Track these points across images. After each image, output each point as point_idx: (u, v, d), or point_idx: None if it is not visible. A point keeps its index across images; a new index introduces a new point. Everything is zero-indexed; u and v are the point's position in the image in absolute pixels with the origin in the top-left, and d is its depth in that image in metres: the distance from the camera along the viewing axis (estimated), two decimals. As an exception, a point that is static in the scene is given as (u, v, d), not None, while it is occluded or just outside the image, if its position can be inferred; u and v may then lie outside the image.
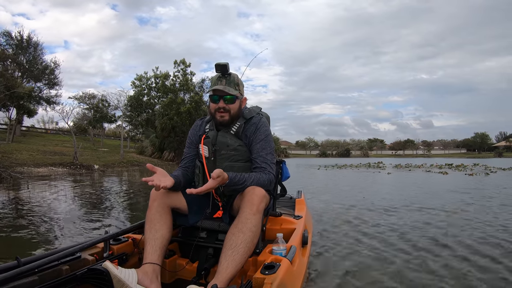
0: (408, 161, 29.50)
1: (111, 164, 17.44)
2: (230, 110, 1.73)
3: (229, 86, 1.71)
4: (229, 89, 1.70)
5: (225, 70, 1.70)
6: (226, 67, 1.69)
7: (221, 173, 1.46)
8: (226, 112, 1.72)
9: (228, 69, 1.71)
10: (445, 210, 4.76)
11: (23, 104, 21.05)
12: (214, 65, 1.69)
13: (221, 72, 1.71)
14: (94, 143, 29.94)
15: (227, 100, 1.72)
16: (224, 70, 1.70)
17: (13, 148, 16.32)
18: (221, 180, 1.48)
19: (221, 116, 1.73)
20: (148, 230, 1.53)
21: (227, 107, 1.72)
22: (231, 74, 1.73)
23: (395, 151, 79.68)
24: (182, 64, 25.62)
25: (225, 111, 1.72)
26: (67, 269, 1.35)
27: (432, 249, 2.87)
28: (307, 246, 1.92)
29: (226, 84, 1.71)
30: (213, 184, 1.46)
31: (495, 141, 76.35)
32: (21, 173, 11.55)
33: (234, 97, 1.72)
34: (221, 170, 1.48)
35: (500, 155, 57.15)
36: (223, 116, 1.73)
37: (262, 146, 1.74)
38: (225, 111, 1.72)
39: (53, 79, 24.13)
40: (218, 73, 1.73)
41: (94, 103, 29.42)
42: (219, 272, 1.35)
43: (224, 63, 1.68)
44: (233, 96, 1.72)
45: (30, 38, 22.63)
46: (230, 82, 1.72)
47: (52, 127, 37.32)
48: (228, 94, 1.70)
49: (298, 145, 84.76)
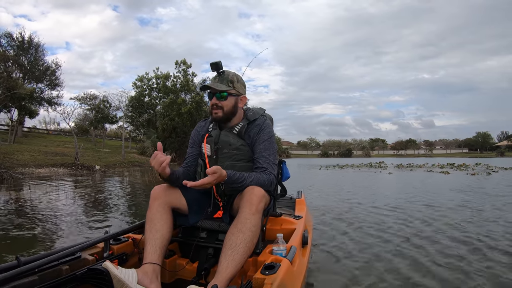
0: (410, 161, 29.46)
1: (112, 165, 17.47)
2: (223, 107, 1.73)
3: (221, 83, 1.73)
4: (219, 85, 1.72)
5: (217, 68, 1.72)
6: (218, 64, 1.71)
7: (218, 169, 1.46)
8: (219, 109, 1.74)
9: (220, 66, 1.72)
10: (446, 208, 4.75)
11: (25, 105, 21.09)
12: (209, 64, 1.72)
13: (215, 69, 1.74)
14: (96, 143, 29.99)
15: (218, 97, 1.73)
16: (217, 68, 1.72)
17: (15, 149, 16.37)
18: (218, 177, 1.47)
19: (215, 112, 1.75)
20: (148, 230, 1.53)
21: (219, 104, 1.73)
22: (224, 72, 1.75)
23: (397, 151, 79.56)
24: (183, 64, 25.62)
25: (217, 107, 1.74)
26: (67, 269, 1.35)
27: (435, 248, 2.87)
28: (307, 247, 1.92)
29: (219, 81, 1.73)
30: (210, 179, 1.45)
31: (497, 141, 76.08)
32: (23, 174, 11.59)
33: (225, 93, 1.73)
34: (219, 167, 1.48)
35: (502, 154, 56.97)
36: (216, 112, 1.74)
37: (265, 147, 1.74)
38: (217, 108, 1.74)
39: (55, 80, 24.18)
40: (214, 71, 1.75)
41: (96, 104, 29.48)
42: (219, 272, 1.34)
43: (216, 61, 1.70)
44: (224, 93, 1.73)
45: (31, 39, 22.67)
46: (222, 79, 1.73)
47: (54, 128, 37.42)
48: (217, 90, 1.72)
49: (300, 145, 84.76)
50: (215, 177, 1.46)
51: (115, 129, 41.68)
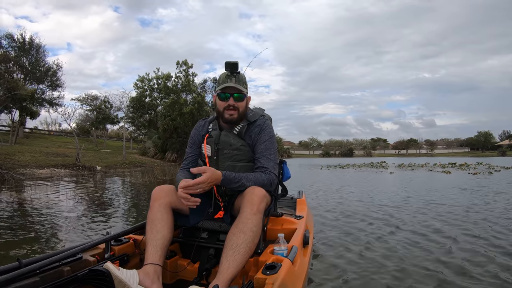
0: (411, 160, 29.42)
1: (113, 165, 17.48)
2: (239, 108, 1.73)
3: (239, 84, 1.72)
4: (239, 86, 1.72)
5: (235, 68, 1.71)
6: (236, 65, 1.70)
7: (207, 169, 1.49)
8: (235, 110, 1.73)
9: (238, 67, 1.72)
10: (448, 209, 4.74)
11: (26, 106, 21.13)
12: (224, 63, 1.70)
13: (231, 70, 1.72)
14: (97, 144, 30.02)
15: (237, 98, 1.72)
16: (234, 68, 1.71)
17: (16, 150, 16.40)
18: (210, 175, 1.49)
19: (230, 114, 1.73)
20: (149, 231, 1.53)
21: (236, 105, 1.73)
22: (240, 73, 1.74)
23: (398, 150, 79.42)
24: (184, 65, 25.65)
25: (234, 108, 1.72)
26: (69, 270, 1.35)
27: (434, 247, 2.87)
28: (308, 246, 1.92)
29: (236, 82, 1.72)
30: (203, 179, 1.47)
31: (499, 140, 75.82)
32: (24, 175, 11.61)
33: (243, 95, 1.74)
34: (209, 167, 1.52)
35: (503, 153, 56.75)
36: (232, 114, 1.73)
37: (266, 147, 1.75)
38: (234, 109, 1.73)
39: (56, 81, 24.21)
40: (227, 71, 1.73)
41: (97, 104, 29.52)
42: (220, 272, 1.35)
43: (235, 62, 1.69)
44: (243, 95, 1.73)
45: (32, 40, 22.72)
46: (239, 81, 1.73)
47: (55, 128, 37.49)
48: (239, 91, 1.72)
49: (301, 145, 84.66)
50: (208, 176, 1.48)
51: (116, 129, 41.74)
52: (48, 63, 23.91)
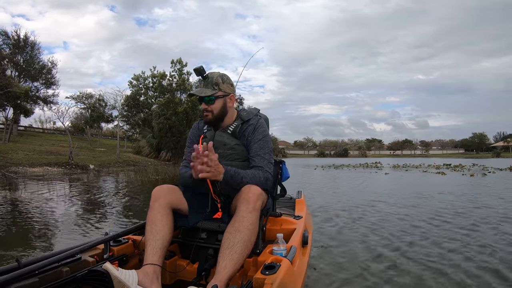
0: (406, 161, 29.61)
1: (107, 164, 17.38)
2: (212, 110, 1.77)
3: (206, 88, 1.74)
4: (204, 91, 1.73)
5: (200, 73, 1.75)
6: (200, 70, 1.74)
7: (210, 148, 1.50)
8: (209, 112, 1.77)
9: (203, 71, 1.75)
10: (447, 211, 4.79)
11: (20, 104, 20.93)
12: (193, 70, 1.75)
13: (198, 75, 1.76)
14: (91, 142, 29.80)
15: (207, 101, 1.76)
16: (200, 73, 1.75)
17: (9, 148, 16.24)
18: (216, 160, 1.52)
19: (205, 115, 1.79)
20: (149, 231, 1.52)
21: (209, 108, 1.77)
22: (208, 76, 1.77)
23: (393, 151, 79.95)
24: (179, 63, 25.57)
25: (207, 111, 1.77)
26: (68, 270, 1.34)
27: (436, 250, 2.89)
28: (308, 246, 1.92)
29: (204, 86, 1.75)
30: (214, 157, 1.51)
31: (493, 141, 76.56)
32: (16, 173, 11.51)
33: (212, 97, 1.75)
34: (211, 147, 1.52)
35: (498, 155, 57.32)
36: (207, 115, 1.78)
37: (260, 146, 1.76)
38: (207, 112, 1.78)
39: (50, 79, 24.05)
40: (198, 76, 1.77)
41: (91, 102, 29.32)
42: (218, 272, 1.34)
43: (198, 67, 1.73)
44: (211, 97, 1.74)
45: (27, 38, 22.53)
46: (207, 84, 1.75)
47: (50, 126, 37.19)
48: (201, 97, 1.74)
49: (296, 145, 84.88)
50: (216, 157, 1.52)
51: (111, 128, 41.49)
52: (43, 61, 23.77)
